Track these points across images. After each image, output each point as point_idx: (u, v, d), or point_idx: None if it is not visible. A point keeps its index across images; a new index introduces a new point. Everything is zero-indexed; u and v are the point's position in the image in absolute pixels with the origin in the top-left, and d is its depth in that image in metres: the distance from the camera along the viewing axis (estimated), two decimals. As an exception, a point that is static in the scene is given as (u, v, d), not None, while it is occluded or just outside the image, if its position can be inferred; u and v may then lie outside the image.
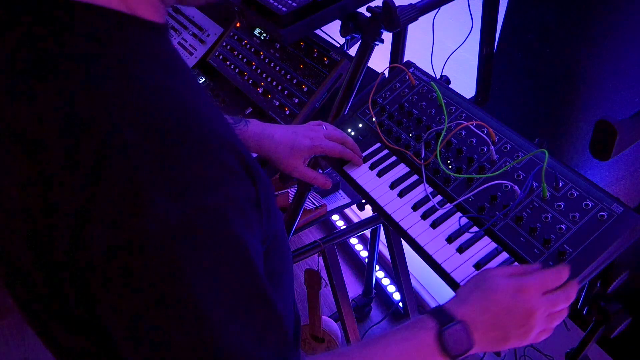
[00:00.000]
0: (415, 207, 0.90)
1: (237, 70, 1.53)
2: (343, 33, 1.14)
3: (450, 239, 0.84)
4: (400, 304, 2.09)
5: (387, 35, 1.12)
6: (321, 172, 1.03)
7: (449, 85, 1.13)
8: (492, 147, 0.88)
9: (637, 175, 1.15)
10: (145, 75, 0.48)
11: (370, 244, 1.92)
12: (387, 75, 1.11)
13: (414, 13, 1.08)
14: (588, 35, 1.19)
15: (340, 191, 1.64)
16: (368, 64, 1.16)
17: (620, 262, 0.80)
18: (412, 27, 1.14)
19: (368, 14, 1.10)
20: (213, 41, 1.66)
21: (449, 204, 0.88)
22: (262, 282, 0.52)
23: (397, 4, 1.04)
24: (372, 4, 1.11)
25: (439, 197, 0.90)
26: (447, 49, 1.32)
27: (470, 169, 0.90)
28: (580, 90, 1.24)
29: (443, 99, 0.99)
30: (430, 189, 0.91)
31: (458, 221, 0.85)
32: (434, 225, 0.86)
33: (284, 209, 1.40)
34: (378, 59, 1.20)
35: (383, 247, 2.00)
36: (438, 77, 1.26)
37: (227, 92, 1.56)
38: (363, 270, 2.28)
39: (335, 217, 2.45)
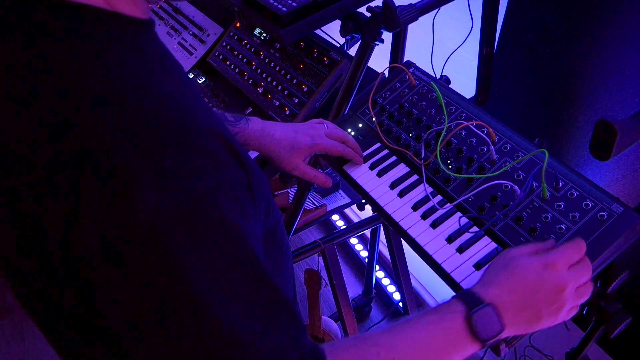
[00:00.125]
0: (415, 207, 0.90)
1: (237, 70, 1.53)
2: (343, 33, 1.14)
3: (450, 239, 0.84)
4: (400, 304, 2.09)
5: (387, 35, 1.12)
6: (321, 171, 1.03)
7: (449, 85, 1.13)
8: (492, 147, 0.88)
9: (637, 175, 1.15)
10: (125, 71, 0.48)
11: (370, 244, 1.92)
12: (387, 75, 1.11)
13: (414, 13, 1.08)
14: (588, 35, 1.19)
15: (340, 191, 1.64)
16: (368, 64, 1.16)
17: (620, 262, 0.80)
18: (412, 27, 1.14)
19: (368, 14, 1.10)
20: (213, 41, 1.66)
21: (449, 204, 0.88)
22: (261, 265, 0.52)
23: (397, 4, 1.04)
24: (372, 4, 1.11)
25: (439, 197, 0.90)
26: (447, 49, 1.32)
27: (470, 169, 0.90)
28: (581, 90, 1.24)
29: (443, 99, 0.99)
30: (430, 189, 0.91)
31: (458, 221, 0.85)
32: (434, 225, 0.86)
33: (284, 209, 1.40)
34: (378, 59, 1.20)
35: (383, 247, 2.00)
36: (438, 77, 1.26)
37: (227, 92, 1.56)
38: (363, 270, 2.28)
39: (335, 217, 2.46)
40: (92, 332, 0.53)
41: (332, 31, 1.39)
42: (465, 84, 1.35)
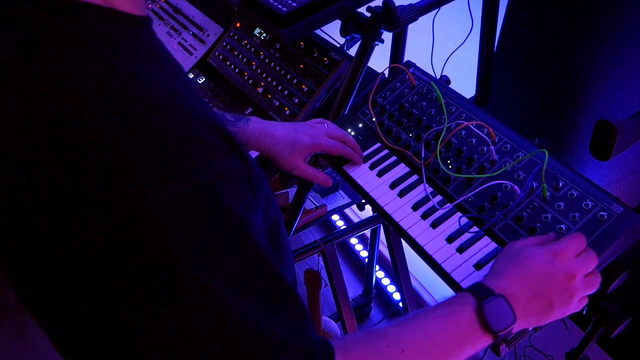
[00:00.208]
0: (415, 207, 0.90)
1: (237, 70, 1.53)
2: (343, 33, 1.14)
3: (450, 239, 0.84)
4: (400, 304, 2.09)
5: (387, 35, 1.12)
6: (321, 171, 1.03)
7: (449, 85, 1.13)
8: (492, 147, 0.88)
9: (637, 175, 1.15)
10: (122, 67, 0.49)
11: (370, 244, 1.92)
12: (387, 75, 1.11)
13: (414, 13, 1.08)
14: (588, 35, 1.19)
15: (340, 191, 1.64)
16: (368, 64, 1.16)
17: (620, 262, 0.80)
18: (412, 27, 1.14)
19: (368, 14, 1.10)
20: (213, 41, 1.66)
21: (449, 204, 0.88)
22: (265, 255, 0.52)
23: (397, 4, 1.04)
24: (372, 4, 1.11)
25: (439, 197, 0.90)
26: (447, 49, 1.32)
27: (470, 169, 0.90)
28: (581, 90, 1.24)
29: (443, 99, 0.99)
30: (430, 189, 0.91)
31: (458, 221, 0.85)
32: (434, 225, 0.86)
33: (284, 209, 1.40)
34: (378, 59, 1.20)
35: (383, 247, 2.00)
36: (438, 77, 1.26)
37: (227, 92, 1.56)
38: (363, 270, 2.28)
39: (335, 217, 2.45)
40: (97, 330, 0.53)
41: (332, 31, 1.39)
42: (465, 84, 1.34)
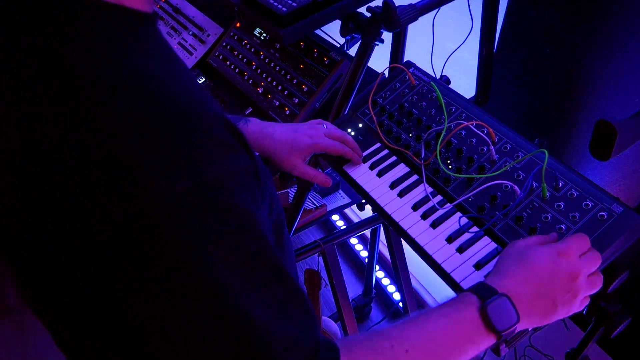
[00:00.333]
0: (415, 207, 0.90)
1: (237, 70, 1.53)
2: (343, 33, 1.14)
3: (450, 239, 0.84)
4: (400, 304, 2.09)
5: (387, 35, 1.12)
6: (321, 171, 1.03)
7: (449, 85, 1.13)
8: (492, 147, 0.88)
9: (637, 175, 1.15)
10: (132, 63, 0.49)
11: (370, 244, 1.92)
12: (387, 75, 1.11)
13: (414, 13, 1.08)
14: (588, 36, 1.19)
15: (340, 191, 1.64)
16: (368, 64, 1.16)
17: (620, 262, 0.80)
18: (412, 27, 1.14)
19: (368, 14, 1.10)
20: (213, 41, 1.66)
21: (449, 204, 0.88)
22: (273, 253, 0.52)
23: (397, 4, 1.04)
24: (372, 4, 1.11)
25: (439, 197, 0.90)
26: (447, 49, 1.32)
27: (470, 169, 0.90)
28: (580, 90, 1.24)
29: (443, 99, 0.99)
30: (430, 189, 0.91)
31: (458, 221, 0.85)
32: (434, 225, 0.86)
33: (284, 209, 1.40)
34: (378, 59, 1.20)
35: (383, 247, 2.00)
36: (438, 77, 1.26)
37: (227, 92, 1.56)
38: (363, 270, 2.28)
39: (335, 217, 2.45)
40: (102, 329, 0.53)
41: (332, 31, 1.39)
42: (465, 84, 1.34)
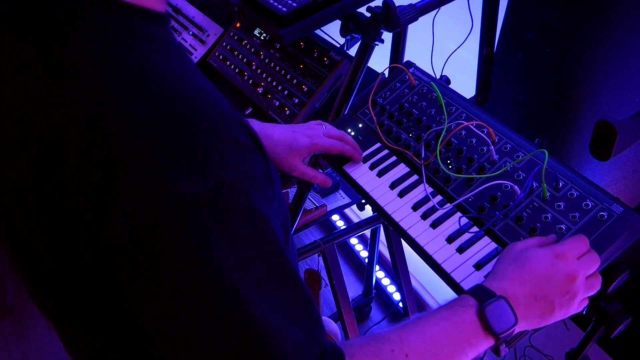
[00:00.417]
0: (415, 207, 0.90)
1: (237, 70, 1.53)
2: (343, 33, 1.14)
3: (450, 239, 0.84)
4: (400, 304, 2.09)
5: (387, 35, 1.12)
6: (321, 172, 1.03)
7: (449, 85, 1.13)
8: (492, 147, 0.88)
9: (637, 175, 1.15)
10: (150, 62, 0.49)
11: (370, 244, 1.92)
12: (387, 75, 1.11)
13: (414, 13, 1.08)
14: (588, 35, 1.19)
15: (340, 191, 1.64)
16: (368, 64, 1.16)
17: (620, 262, 0.80)
18: (412, 27, 1.14)
19: (368, 14, 1.09)
20: (213, 41, 1.65)
21: (449, 204, 0.88)
22: (286, 257, 0.52)
23: (397, 4, 1.04)
24: (372, 4, 1.11)
25: (439, 197, 0.90)
26: (447, 49, 1.32)
27: (470, 169, 0.90)
28: (581, 90, 1.24)
29: (443, 99, 0.99)
30: (430, 189, 0.91)
31: (458, 221, 0.85)
32: (434, 225, 0.86)
33: (284, 209, 1.40)
34: (378, 59, 1.20)
35: (383, 247, 2.00)
36: (438, 77, 1.26)
37: (227, 92, 1.56)
38: (363, 270, 2.28)
39: (335, 217, 2.45)
40: (112, 327, 0.53)
41: (332, 31, 1.39)
42: (465, 84, 1.34)
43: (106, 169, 0.44)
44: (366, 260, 2.08)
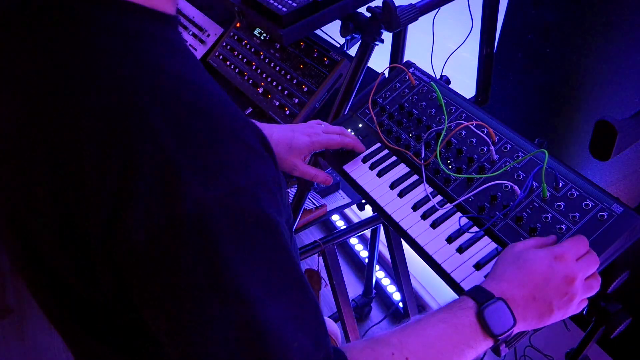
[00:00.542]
0: (415, 207, 0.90)
1: (237, 70, 1.53)
2: (343, 33, 1.14)
3: (450, 239, 0.84)
4: (400, 304, 2.09)
5: (387, 35, 1.12)
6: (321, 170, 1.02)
7: (449, 85, 1.13)
8: (492, 147, 0.88)
9: (637, 175, 1.15)
10: (166, 65, 0.49)
11: (370, 244, 1.92)
12: (387, 75, 1.11)
13: (414, 13, 1.08)
14: (588, 35, 1.19)
15: (340, 191, 1.64)
16: (368, 64, 1.16)
17: (620, 262, 0.80)
18: (412, 27, 1.14)
19: (368, 14, 1.09)
20: (213, 41, 1.65)
21: (449, 204, 0.88)
22: (294, 262, 0.53)
23: (397, 4, 1.04)
24: (372, 4, 1.11)
25: (439, 197, 0.90)
26: (447, 49, 1.32)
27: (470, 169, 0.90)
28: (580, 90, 1.24)
29: (443, 99, 0.99)
30: (430, 189, 0.91)
31: (458, 221, 0.85)
32: (434, 225, 0.86)
33: (284, 209, 1.40)
34: (378, 59, 1.20)
35: (383, 247, 2.00)
36: (438, 77, 1.26)
37: (227, 92, 1.55)
38: (363, 270, 2.28)
39: (335, 217, 2.45)
40: (116, 326, 0.53)
41: (332, 31, 1.39)
42: (465, 84, 1.35)
43: (123, 172, 0.45)
44: (366, 260, 2.08)
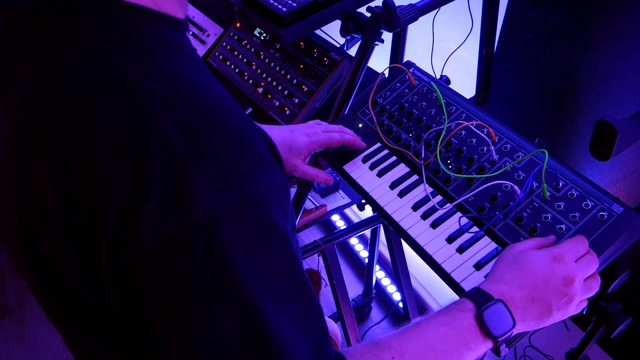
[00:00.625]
0: (415, 207, 0.90)
1: (237, 70, 1.53)
2: (343, 33, 1.14)
3: (450, 239, 0.84)
4: (400, 304, 2.09)
5: (387, 35, 1.12)
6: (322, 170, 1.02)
7: (449, 85, 1.13)
8: (492, 147, 0.88)
9: (637, 175, 1.15)
10: (176, 70, 0.49)
11: (370, 244, 1.92)
12: (387, 75, 1.11)
13: (414, 13, 1.08)
14: (588, 35, 1.19)
15: (340, 191, 1.64)
16: (368, 64, 1.16)
17: (620, 262, 0.80)
18: (412, 27, 1.14)
19: (368, 14, 1.10)
20: (213, 41, 1.66)
21: (449, 204, 0.88)
22: (301, 269, 0.53)
23: (397, 4, 1.04)
24: (372, 4, 1.11)
25: (439, 197, 0.90)
26: (447, 49, 1.32)
27: (470, 169, 0.90)
28: (580, 90, 1.24)
29: (443, 99, 0.99)
30: (430, 189, 0.91)
31: (458, 221, 0.85)
32: (434, 225, 0.86)
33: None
34: (378, 59, 1.20)
35: (383, 247, 2.00)
36: (438, 77, 1.26)
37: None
38: (363, 270, 2.28)
39: (335, 217, 2.45)
40: (119, 328, 0.53)
41: (332, 31, 1.39)
42: (465, 84, 1.35)
43: (133, 179, 0.45)
44: (366, 260, 2.08)
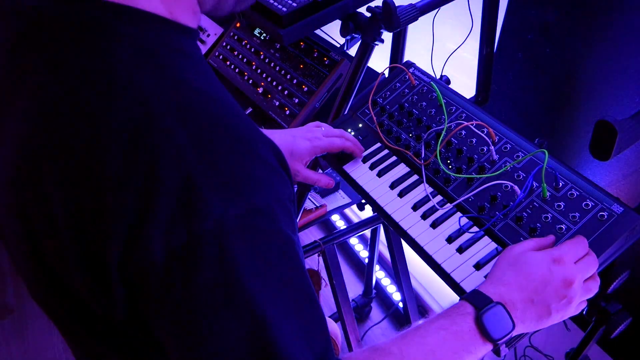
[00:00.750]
0: (415, 207, 0.90)
1: (237, 70, 1.53)
2: (343, 33, 1.14)
3: (450, 239, 0.84)
4: (400, 304, 2.09)
5: (387, 35, 1.12)
6: (321, 172, 1.02)
7: (449, 85, 1.13)
8: (492, 147, 0.88)
9: (637, 175, 1.15)
10: (189, 80, 0.49)
11: (370, 244, 1.92)
12: (387, 75, 1.11)
13: (414, 13, 1.08)
14: (588, 35, 1.19)
15: (340, 191, 1.64)
16: (368, 64, 1.16)
17: (620, 262, 0.80)
18: (412, 27, 1.14)
19: (368, 14, 1.10)
20: (213, 41, 1.65)
21: (449, 204, 0.88)
22: (307, 280, 0.53)
23: (397, 4, 1.04)
24: (372, 4, 1.11)
25: (439, 197, 0.90)
26: (447, 49, 1.32)
27: (470, 169, 0.90)
28: (580, 90, 1.24)
29: (443, 99, 0.99)
30: (430, 189, 0.91)
31: (458, 221, 0.85)
32: (434, 225, 0.86)
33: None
34: (378, 59, 1.20)
35: (383, 247, 2.00)
36: (438, 77, 1.26)
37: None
38: (363, 270, 2.28)
39: (335, 217, 2.45)
40: (121, 330, 0.53)
41: (332, 31, 1.39)
42: (465, 84, 1.35)
43: (144, 189, 0.44)
44: (366, 260, 2.08)
